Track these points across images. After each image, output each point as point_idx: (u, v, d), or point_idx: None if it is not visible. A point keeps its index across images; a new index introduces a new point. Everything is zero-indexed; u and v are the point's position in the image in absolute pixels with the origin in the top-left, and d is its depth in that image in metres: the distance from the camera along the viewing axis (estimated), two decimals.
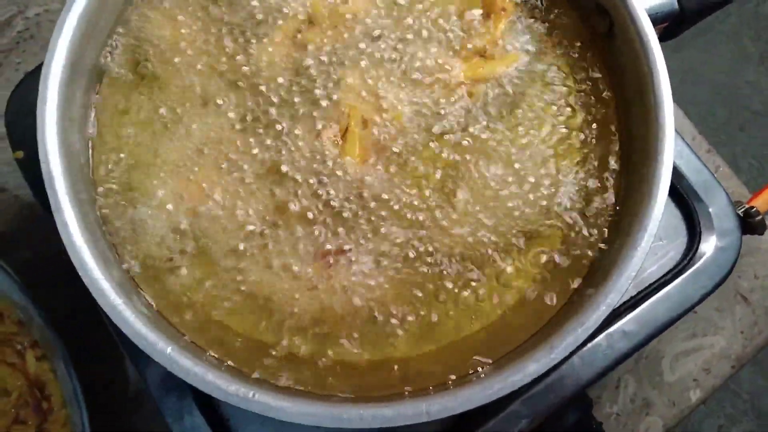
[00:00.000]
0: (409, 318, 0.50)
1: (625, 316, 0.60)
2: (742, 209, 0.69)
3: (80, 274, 0.44)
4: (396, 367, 0.49)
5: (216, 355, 0.47)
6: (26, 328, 0.69)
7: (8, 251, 0.72)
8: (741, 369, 0.82)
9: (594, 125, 0.55)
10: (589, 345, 0.59)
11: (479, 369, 0.48)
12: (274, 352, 0.48)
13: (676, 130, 0.65)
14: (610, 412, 0.79)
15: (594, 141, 0.54)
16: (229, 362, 0.47)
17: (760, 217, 0.68)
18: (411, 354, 0.49)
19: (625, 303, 0.61)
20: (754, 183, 1.78)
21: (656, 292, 0.61)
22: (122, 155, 0.52)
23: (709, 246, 0.63)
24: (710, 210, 0.64)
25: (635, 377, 0.80)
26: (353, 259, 0.50)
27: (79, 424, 0.62)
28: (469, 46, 0.55)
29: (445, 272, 0.51)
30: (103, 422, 0.64)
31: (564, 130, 0.54)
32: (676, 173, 0.64)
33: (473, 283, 0.51)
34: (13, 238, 0.77)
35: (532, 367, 0.44)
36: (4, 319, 0.69)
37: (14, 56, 0.84)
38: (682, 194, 0.64)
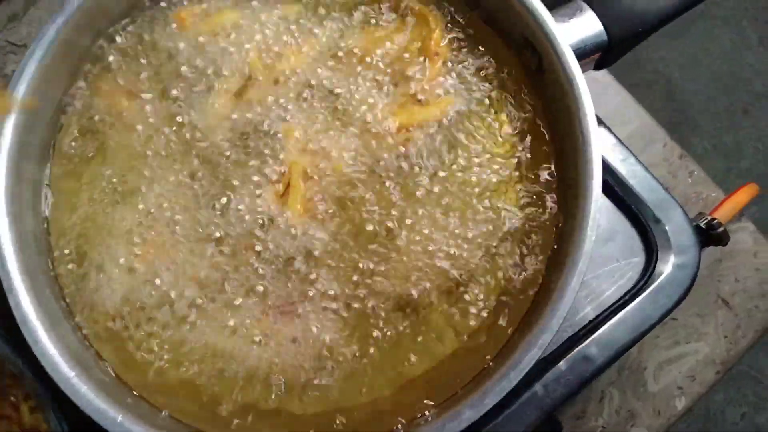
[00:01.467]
0: (355, 366, 0.51)
1: (585, 340, 0.61)
2: (704, 221, 0.69)
3: (34, 351, 0.46)
4: (345, 416, 0.50)
5: (175, 416, 0.50)
6: (19, 381, 0.72)
7: None
8: (726, 374, 0.82)
9: (531, 164, 0.56)
10: (551, 371, 0.60)
11: (426, 413, 0.50)
12: (227, 409, 0.50)
13: (629, 149, 0.66)
14: (595, 426, 0.80)
15: (531, 180, 0.55)
16: (187, 422, 0.49)
17: (722, 229, 0.68)
18: (358, 402, 0.51)
19: (584, 327, 0.62)
20: (759, 167, 1.75)
21: (615, 314, 0.62)
22: (75, 227, 0.54)
23: (667, 264, 0.63)
24: (666, 228, 0.64)
25: (619, 389, 0.80)
26: (303, 312, 0.52)
27: None
28: (405, 92, 0.57)
29: (386, 320, 0.52)
30: None
31: (501, 171, 0.55)
32: (631, 194, 0.65)
33: (415, 329, 0.52)
34: None
35: (467, 413, 0.45)
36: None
37: None
38: (637, 214, 0.64)
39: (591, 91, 0.51)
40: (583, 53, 0.55)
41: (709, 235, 0.68)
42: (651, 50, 1.84)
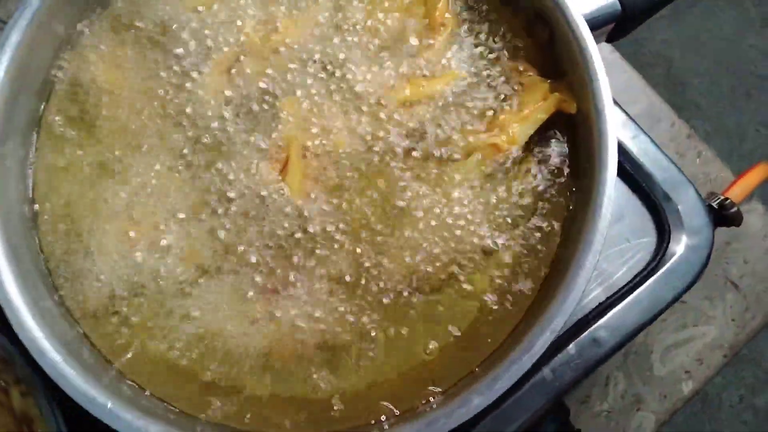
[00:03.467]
0: (357, 350, 0.49)
1: (595, 323, 0.59)
2: (717, 201, 0.67)
3: (19, 335, 0.44)
4: (346, 400, 0.48)
5: (164, 401, 0.48)
6: (9, 366, 0.70)
7: None
8: (734, 357, 0.80)
9: (540, 140, 0.53)
10: (560, 355, 0.58)
11: (432, 399, 0.47)
12: (221, 392, 0.48)
13: (640, 127, 0.64)
14: (600, 410, 0.78)
15: (541, 156, 0.53)
16: (177, 407, 0.47)
17: (735, 209, 0.66)
18: (361, 386, 0.49)
19: (593, 309, 0.60)
20: (762, 150, 1.73)
21: (626, 297, 0.59)
22: (62, 204, 0.52)
23: (679, 245, 0.61)
24: (679, 207, 0.62)
25: (624, 373, 0.79)
26: (298, 293, 0.50)
27: None
28: (409, 66, 0.54)
29: (390, 303, 0.50)
30: None
31: (508, 146, 0.52)
32: (642, 172, 0.63)
33: (419, 314, 0.50)
34: None
35: (476, 400, 0.43)
36: None
37: None
38: (648, 193, 0.62)
39: None
40: (595, 24, 0.52)
41: (722, 216, 0.66)
42: (652, 31, 1.81)
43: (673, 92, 1.78)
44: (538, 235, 0.52)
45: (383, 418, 0.47)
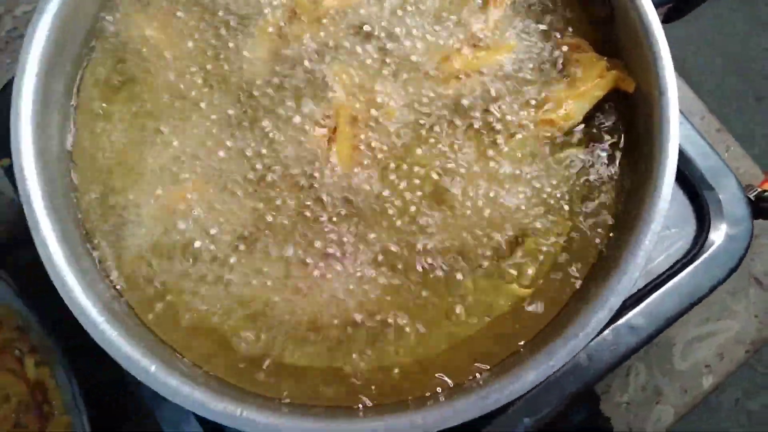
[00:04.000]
0: (404, 324, 0.48)
1: (632, 309, 0.58)
2: (754, 193, 0.66)
3: (60, 293, 0.43)
4: (393, 373, 0.47)
5: (205, 369, 0.46)
6: (25, 334, 0.69)
7: (6, 256, 0.71)
8: (756, 353, 0.80)
9: (595, 117, 0.52)
10: (596, 341, 0.57)
11: (478, 375, 0.46)
12: (265, 364, 0.47)
13: (683, 114, 0.63)
14: (620, 402, 0.78)
15: (595, 134, 0.52)
16: (219, 375, 0.46)
17: None
18: (407, 361, 0.48)
19: (632, 296, 0.59)
20: None
21: (664, 284, 0.59)
22: (103, 165, 0.50)
23: (719, 234, 0.60)
24: (720, 197, 0.61)
25: (646, 365, 0.78)
26: (342, 265, 0.48)
27: (80, 429, 0.62)
28: (463, 36, 0.53)
29: (436, 276, 0.49)
30: (105, 426, 0.64)
31: (563, 122, 0.51)
32: (684, 159, 0.62)
33: (468, 287, 0.49)
34: (10, 243, 0.76)
35: (530, 375, 0.43)
36: (2, 326, 0.68)
37: (5, 56, 0.82)
38: (690, 181, 0.61)
39: None
40: (655, 2, 0.51)
41: (759, 208, 0.65)
42: (665, 31, 1.81)
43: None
44: (590, 213, 0.51)
45: (439, 390, 0.45)
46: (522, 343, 0.47)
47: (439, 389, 0.45)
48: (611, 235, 0.49)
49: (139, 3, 0.54)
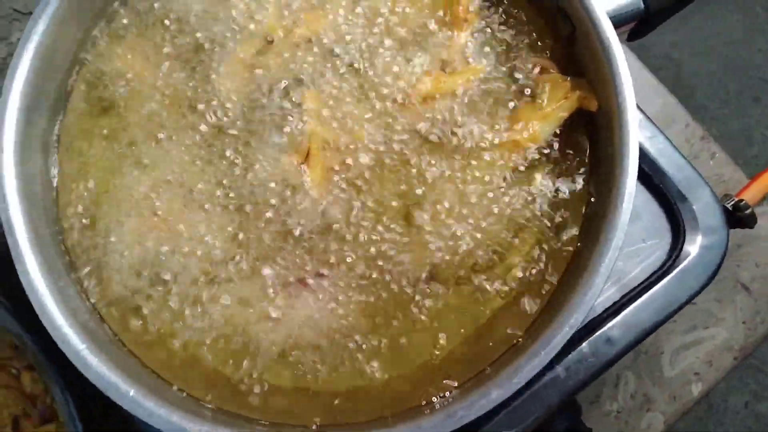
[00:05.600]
0: (376, 344, 0.49)
1: (609, 321, 0.59)
2: (731, 202, 0.67)
3: (42, 321, 0.44)
4: (358, 395, 0.48)
5: (186, 391, 0.48)
6: (20, 353, 0.70)
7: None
8: (744, 360, 0.80)
9: (561, 137, 0.53)
10: (573, 353, 0.58)
11: (447, 393, 0.48)
12: (243, 384, 0.49)
13: (657, 127, 0.64)
14: (609, 410, 0.78)
15: (563, 154, 0.53)
16: (197, 396, 0.47)
17: (749, 211, 0.66)
18: (378, 381, 0.49)
19: (608, 309, 0.60)
20: (767, 155, 1.73)
21: (640, 296, 0.60)
22: (85, 194, 0.52)
23: (694, 245, 0.61)
24: (694, 207, 0.62)
25: (635, 373, 0.79)
26: (318, 287, 0.50)
27: None
28: (432, 60, 0.54)
29: (408, 297, 0.50)
30: None
31: (530, 143, 0.52)
32: (658, 171, 0.63)
33: (438, 308, 0.50)
34: (3, 260, 0.78)
35: (495, 393, 0.44)
36: None
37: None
38: (664, 193, 0.62)
39: None
40: (618, 21, 0.52)
41: (736, 217, 0.66)
42: (661, 34, 1.81)
43: (681, 95, 1.77)
44: (557, 232, 0.52)
45: (408, 408, 0.47)
46: (489, 363, 0.48)
47: (408, 407, 0.47)
48: (577, 252, 0.50)
49: (116, 36, 0.55)
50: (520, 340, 0.48)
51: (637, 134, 0.47)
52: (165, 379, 0.48)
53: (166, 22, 0.56)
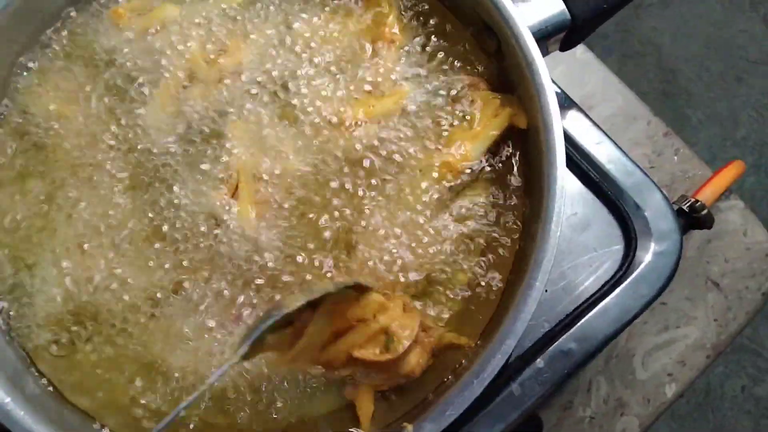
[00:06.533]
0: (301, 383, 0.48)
1: (563, 334, 0.58)
2: (687, 204, 0.66)
3: None
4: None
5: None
6: None
7: None
8: (717, 358, 0.79)
9: (493, 155, 0.52)
10: (528, 370, 0.57)
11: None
12: (187, 423, 0.48)
13: (603, 131, 0.63)
14: (583, 416, 0.77)
15: (495, 172, 0.52)
16: None
17: (705, 211, 0.65)
18: (321, 412, 0.48)
19: (561, 321, 0.59)
20: (756, 136, 1.71)
21: (593, 307, 0.59)
22: (9, 238, 0.51)
23: (647, 252, 0.60)
24: (646, 213, 0.61)
25: (607, 378, 0.78)
26: (250, 320, 0.49)
27: None
28: (358, 85, 0.53)
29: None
30: None
31: (462, 163, 0.51)
32: (608, 179, 0.62)
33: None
34: None
35: (427, 427, 0.43)
36: None
37: None
38: (614, 201, 0.61)
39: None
40: (545, 34, 0.51)
41: (693, 219, 0.65)
42: (641, 19, 1.79)
43: (664, 80, 1.76)
44: (492, 253, 0.51)
45: None
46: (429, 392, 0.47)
47: None
48: (511, 274, 0.49)
49: (40, 76, 0.55)
50: (449, 378, 0.47)
51: (563, 151, 0.46)
52: (94, 419, 0.47)
53: (87, 57, 0.55)
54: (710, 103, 1.77)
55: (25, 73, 0.55)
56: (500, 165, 0.52)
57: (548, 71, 0.48)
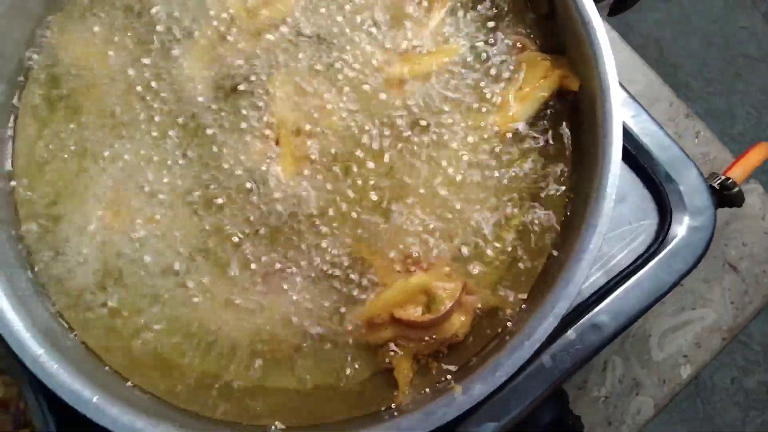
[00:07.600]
0: (343, 338, 0.47)
1: (595, 307, 0.57)
2: (718, 181, 0.65)
3: None
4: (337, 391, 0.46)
5: (153, 393, 0.45)
6: None
7: None
8: (732, 341, 0.79)
9: (541, 117, 0.51)
10: (558, 341, 0.56)
11: (426, 390, 0.46)
12: (215, 385, 0.46)
13: (641, 105, 0.62)
14: (598, 396, 0.77)
15: (543, 135, 0.51)
16: (165, 399, 0.45)
17: (736, 189, 0.64)
18: (356, 378, 0.47)
19: (594, 294, 0.58)
20: (752, 132, 1.72)
21: (627, 280, 0.58)
22: (43, 189, 0.49)
23: (681, 226, 0.59)
24: (681, 188, 0.60)
25: (623, 357, 0.78)
26: (290, 281, 0.48)
27: None
28: (405, 41, 0.51)
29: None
30: None
31: (509, 124, 0.50)
32: (643, 151, 0.61)
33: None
34: None
35: (477, 388, 0.42)
36: None
37: None
38: (650, 173, 0.60)
39: None
40: None
41: (724, 196, 0.64)
42: (644, 13, 1.80)
43: (665, 74, 1.76)
44: (538, 216, 0.50)
45: (383, 408, 0.45)
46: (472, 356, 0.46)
47: (383, 408, 0.45)
48: (559, 238, 0.48)
49: (72, 22, 0.52)
50: (505, 329, 0.46)
51: (621, 113, 0.45)
52: (127, 379, 0.46)
53: (120, 5, 0.52)
54: (709, 97, 1.78)
55: (54, 26, 0.53)
56: (548, 127, 0.51)
57: None
